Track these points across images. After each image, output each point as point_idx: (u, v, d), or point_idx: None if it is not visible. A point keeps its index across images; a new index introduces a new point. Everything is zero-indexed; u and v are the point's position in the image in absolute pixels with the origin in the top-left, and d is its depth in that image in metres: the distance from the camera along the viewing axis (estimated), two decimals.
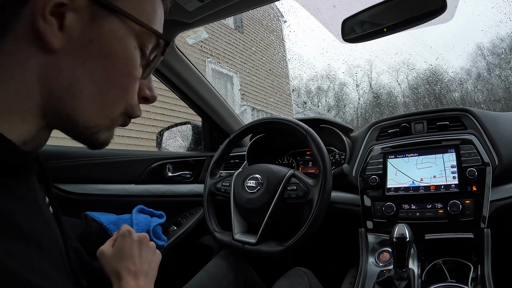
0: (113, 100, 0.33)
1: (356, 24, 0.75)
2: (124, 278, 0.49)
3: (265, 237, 0.80)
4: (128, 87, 0.34)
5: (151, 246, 0.56)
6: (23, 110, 0.29)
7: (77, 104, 0.31)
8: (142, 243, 0.54)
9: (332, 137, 1.03)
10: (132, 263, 0.51)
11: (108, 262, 0.51)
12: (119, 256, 0.52)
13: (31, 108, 0.29)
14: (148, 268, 0.53)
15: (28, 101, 0.29)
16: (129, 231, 0.54)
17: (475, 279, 0.67)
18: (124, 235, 0.54)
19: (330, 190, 0.76)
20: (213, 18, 0.85)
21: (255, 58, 7.10)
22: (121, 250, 0.52)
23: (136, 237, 0.54)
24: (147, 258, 0.54)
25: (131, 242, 0.53)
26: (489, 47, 3.96)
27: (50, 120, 0.31)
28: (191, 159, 1.24)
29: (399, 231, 0.64)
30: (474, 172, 0.74)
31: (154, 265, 0.55)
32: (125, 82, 0.34)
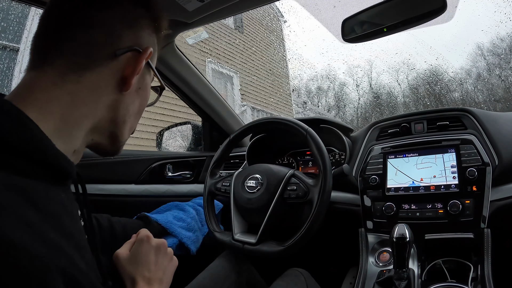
0: (136, 124, 0.48)
1: (356, 24, 0.75)
2: (139, 284, 0.50)
3: (265, 237, 0.80)
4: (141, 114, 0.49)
5: (168, 252, 0.57)
6: (83, 127, 0.39)
7: (124, 127, 0.44)
8: (160, 250, 0.56)
9: (332, 137, 1.03)
10: (147, 269, 0.52)
11: (123, 266, 0.53)
12: (134, 262, 0.53)
13: (88, 126, 0.39)
14: (162, 275, 0.54)
15: (89, 121, 0.39)
16: (147, 237, 0.56)
17: (475, 279, 0.67)
18: (142, 240, 0.55)
19: (330, 190, 0.76)
20: (213, 18, 0.85)
21: (255, 58, 7.10)
22: (138, 255, 0.54)
23: (154, 243, 0.55)
24: (163, 265, 0.55)
25: (148, 248, 0.54)
26: (489, 47, 3.96)
27: (96, 136, 0.42)
28: (191, 159, 1.24)
29: (399, 231, 0.64)
30: (474, 172, 0.74)
31: (169, 272, 0.56)
32: (143, 112, 0.48)
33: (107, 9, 0.40)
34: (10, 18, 3.01)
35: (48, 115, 0.35)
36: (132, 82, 0.41)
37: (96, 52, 0.39)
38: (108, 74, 0.39)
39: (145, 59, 0.42)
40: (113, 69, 0.40)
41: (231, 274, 0.81)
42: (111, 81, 0.40)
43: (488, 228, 0.70)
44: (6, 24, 2.94)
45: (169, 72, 1.06)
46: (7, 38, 3.05)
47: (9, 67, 3.04)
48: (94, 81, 0.38)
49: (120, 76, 0.40)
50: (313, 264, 1.06)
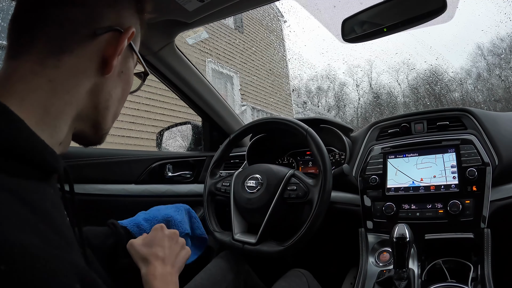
0: (119, 111, 0.45)
1: (356, 24, 0.75)
2: (152, 263, 0.53)
3: (265, 237, 0.80)
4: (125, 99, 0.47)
5: (180, 241, 0.60)
6: (67, 117, 0.37)
7: (107, 114, 0.42)
8: (172, 238, 0.59)
9: (332, 137, 1.03)
10: (161, 250, 0.55)
11: (136, 250, 0.55)
12: (149, 244, 0.56)
13: (72, 115, 0.37)
14: (175, 259, 0.56)
15: (73, 109, 0.37)
16: (161, 227, 0.59)
17: (475, 279, 0.67)
18: (156, 229, 0.59)
19: (330, 190, 0.76)
20: (213, 18, 0.85)
21: (255, 58, 7.10)
22: (152, 240, 0.57)
23: (167, 232, 0.59)
24: (176, 250, 0.58)
25: (162, 235, 0.58)
26: (489, 47, 3.96)
27: (80, 124, 0.40)
28: (191, 159, 1.24)
29: (399, 231, 0.64)
30: (474, 172, 0.74)
31: (181, 258, 0.58)
32: (127, 97, 0.46)
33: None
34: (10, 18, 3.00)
35: (30, 107, 0.33)
36: (114, 63, 0.39)
37: (75, 32, 0.36)
38: (88, 56, 0.37)
39: (127, 39, 0.39)
40: (93, 50, 0.37)
41: (229, 275, 0.81)
42: (92, 64, 0.37)
43: (488, 228, 0.70)
44: (6, 24, 2.94)
45: (169, 72, 1.06)
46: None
47: None
48: (74, 64, 0.36)
49: (101, 58, 0.38)
50: (313, 264, 1.06)
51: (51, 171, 0.34)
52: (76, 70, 0.36)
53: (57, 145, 0.36)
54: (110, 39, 0.38)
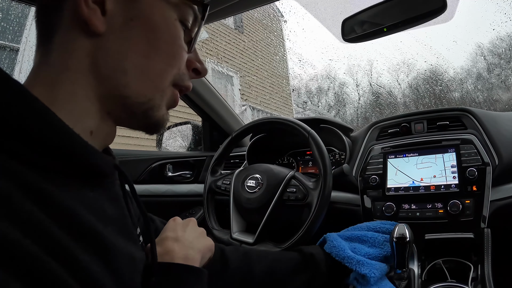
0: (160, 69, 0.35)
1: (356, 24, 0.75)
2: (164, 243, 0.44)
3: (263, 238, 0.80)
4: (174, 55, 0.36)
5: (199, 229, 0.52)
6: (81, 98, 0.31)
7: (128, 80, 0.33)
8: (187, 224, 0.51)
9: (332, 137, 1.03)
10: (172, 232, 0.47)
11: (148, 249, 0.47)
12: (160, 235, 0.48)
13: (89, 95, 0.32)
14: (192, 239, 0.47)
15: (84, 88, 0.31)
16: (173, 219, 0.52)
17: (475, 279, 0.67)
18: (169, 221, 0.51)
19: (329, 194, 0.76)
20: (213, 18, 0.85)
21: (255, 58, 7.10)
22: (164, 229, 0.49)
23: (180, 221, 0.51)
24: (192, 233, 0.49)
25: (173, 224, 0.50)
26: (489, 47, 3.96)
27: (108, 105, 0.33)
28: (191, 159, 1.24)
29: (399, 231, 0.64)
30: (474, 172, 0.74)
31: (202, 244, 0.49)
32: (170, 49, 0.35)
33: None
34: (10, 18, 3.01)
35: (39, 94, 0.29)
36: (97, 18, 0.30)
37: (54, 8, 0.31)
38: (67, 17, 0.31)
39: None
40: (69, 11, 0.31)
41: None
42: (76, 27, 0.31)
43: (488, 228, 0.70)
44: (6, 24, 2.94)
45: None
46: (7, 38, 3.05)
47: (9, 67, 3.04)
48: (63, 38, 0.31)
49: (76, 15, 0.31)
50: None
51: (82, 168, 0.30)
52: (67, 44, 0.31)
53: (86, 134, 0.31)
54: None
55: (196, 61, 0.40)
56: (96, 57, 0.31)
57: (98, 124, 0.33)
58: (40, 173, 0.26)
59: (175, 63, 0.36)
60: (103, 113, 0.33)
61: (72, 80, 0.31)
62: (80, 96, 0.31)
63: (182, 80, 0.38)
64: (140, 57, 0.33)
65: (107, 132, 0.35)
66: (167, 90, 0.36)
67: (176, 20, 0.36)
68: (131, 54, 0.33)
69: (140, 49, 0.33)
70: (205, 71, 0.41)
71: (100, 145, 0.35)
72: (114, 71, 0.32)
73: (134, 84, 0.33)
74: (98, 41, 0.31)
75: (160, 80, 0.35)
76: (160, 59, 0.34)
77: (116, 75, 0.32)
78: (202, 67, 0.40)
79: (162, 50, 0.34)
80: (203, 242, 0.50)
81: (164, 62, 0.35)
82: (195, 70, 0.40)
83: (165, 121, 0.38)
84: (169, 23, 0.35)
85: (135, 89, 0.33)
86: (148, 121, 0.36)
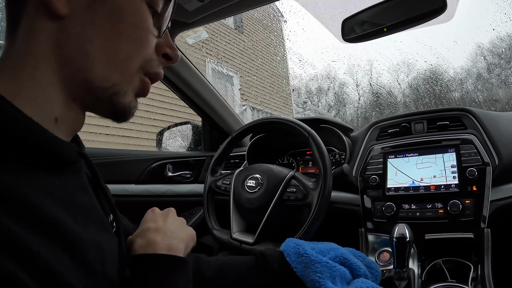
0: (126, 53, 0.33)
1: (356, 24, 0.75)
2: (145, 236, 0.42)
3: (263, 238, 0.80)
4: (140, 38, 0.34)
5: (179, 219, 0.50)
6: (44, 84, 0.30)
7: (91, 64, 0.32)
8: (167, 214, 0.48)
9: (332, 137, 1.03)
10: (153, 223, 0.44)
11: (130, 239, 0.44)
12: (140, 226, 0.46)
13: (51, 80, 0.31)
14: (174, 229, 0.45)
15: (46, 73, 0.30)
16: (152, 209, 0.50)
17: (475, 279, 0.67)
18: (148, 212, 0.49)
19: (329, 194, 0.76)
20: (213, 18, 0.85)
21: (255, 58, 7.10)
22: (143, 220, 0.47)
23: (160, 211, 0.49)
24: (173, 223, 0.47)
25: (152, 215, 0.48)
26: (489, 47, 3.96)
27: (72, 90, 0.32)
28: (191, 159, 1.24)
29: (399, 231, 0.64)
30: (474, 172, 0.74)
31: (183, 233, 0.47)
32: (136, 33, 0.34)
33: None
34: None
35: (3, 83, 0.29)
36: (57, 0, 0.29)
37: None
38: (31, 2, 0.30)
39: None
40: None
41: None
42: (36, 9, 0.30)
43: (488, 228, 0.70)
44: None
45: (169, 72, 1.06)
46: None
47: None
48: (24, 20, 0.31)
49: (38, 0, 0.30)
50: None
51: (44, 156, 0.29)
52: (30, 28, 0.30)
53: (50, 121, 0.30)
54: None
55: (167, 46, 0.38)
56: (58, 40, 0.31)
57: (64, 110, 0.32)
58: (2, 166, 0.25)
59: (142, 48, 0.35)
60: (68, 99, 0.32)
61: (34, 64, 0.30)
62: (43, 82, 0.30)
63: (151, 66, 0.37)
64: (103, 40, 0.32)
65: (75, 119, 0.34)
66: (135, 76, 0.35)
67: (142, 3, 0.34)
68: (94, 37, 0.31)
69: (103, 32, 0.32)
70: (176, 56, 0.39)
71: (68, 132, 0.34)
72: (76, 54, 0.31)
73: (98, 68, 0.32)
74: (60, 24, 0.30)
75: (126, 65, 0.34)
76: (125, 43, 0.33)
77: (78, 58, 0.31)
78: (173, 52, 0.39)
79: (127, 34, 0.33)
80: (185, 232, 0.48)
81: (129, 47, 0.34)
82: (166, 56, 0.38)
83: (132, 109, 0.36)
84: (134, 5, 0.34)
85: (99, 73, 0.32)
86: (114, 107, 0.35)
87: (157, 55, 0.37)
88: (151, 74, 0.37)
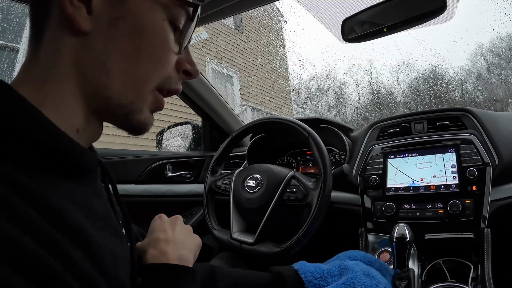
0: (144, 73, 0.34)
1: (356, 24, 0.75)
2: (155, 247, 0.43)
3: (263, 238, 0.80)
4: (160, 58, 0.35)
5: (186, 227, 0.50)
6: (67, 97, 0.31)
7: (110, 81, 0.32)
8: (175, 223, 0.49)
9: (332, 137, 1.03)
10: (163, 234, 0.45)
11: (140, 248, 0.44)
12: (149, 235, 0.46)
13: (74, 94, 0.32)
14: (183, 239, 0.46)
15: (69, 87, 0.31)
16: (159, 216, 0.50)
17: (475, 279, 0.67)
18: (154, 219, 0.49)
19: (329, 194, 0.76)
20: (213, 18, 0.85)
21: (255, 58, 7.10)
22: (151, 229, 0.47)
23: (167, 219, 0.50)
24: (182, 233, 0.47)
25: (160, 222, 0.48)
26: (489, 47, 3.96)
27: (92, 104, 0.33)
28: (191, 159, 1.24)
29: (399, 231, 0.64)
30: (474, 172, 0.74)
31: (191, 243, 0.48)
32: (156, 52, 0.34)
33: None
34: (10, 18, 3.01)
35: (27, 91, 0.29)
36: (81, 16, 0.30)
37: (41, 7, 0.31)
38: (55, 15, 0.31)
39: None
40: (57, 5, 0.31)
41: None
42: (59, 22, 0.31)
43: (488, 228, 0.70)
44: (6, 24, 2.94)
45: None
46: (7, 38, 3.05)
47: (9, 67, 3.04)
48: (47, 34, 0.31)
49: (61, 12, 0.30)
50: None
51: (70, 165, 0.30)
52: (54, 41, 0.31)
53: (72, 132, 0.31)
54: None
55: (187, 63, 0.38)
56: (80, 56, 0.31)
57: (84, 122, 0.33)
58: (29, 173, 0.26)
59: (160, 68, 0.35)
60: (88, 112, 0.33)
61: (57, 78, 0.31)
62: (66, 95, 0.31)
63: (169, 83, 0.37)
64: (124, 58, 0.32)
65: (93, 130, 0.35)
66: (149, 95, 0.35)
67: (165, 21, 0.34)
68: (115, 55, 0.32)
69: (124, 50, 0.32)
70: (196, 72, 0.40)
71: (86, 142, 0.35)
72: (97, 71, 0.32)
73: (117, 86, 0.33)
74: (83, 40, 0.31)
75: (143, 85, 0.34)
76: (144, 63, 0.34)
77: (99, 75, 0.32)
78: (193, 68, 0.39)
79: (148, 53, 0.33)
80: (193, 241, 0.49)
81: (148, 66, 0.34)
82: (186, 72, 0.39)
83: (148, 125, 0.37)
84: (157, 24, 0.34)
85: (118, 91, 0.33)
86: (130, 124, 0.36)
87: (177, 71, 0.38)
88: (169, 90, 0.38)
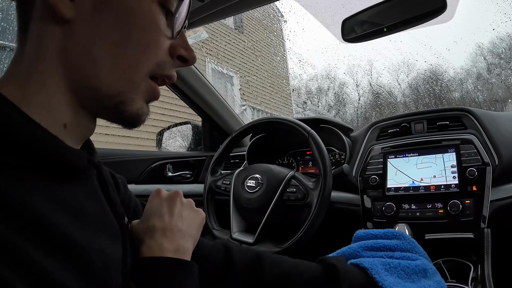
0: (134, 58, 0.32)
1: (356, 24, 0.75)
2: (145, 242, 0.39)
3: (263, 238, 0.80)
4: (150, 42, 0.32)
5: (187, 203, 0.45)
6: (52, 90, 0.30)
7: (97, 70, 0.30)
8: (173, 200, 0.43)
9: (332, 137, 1.03)
10: (159, 220, 0.40)
11: (135, 232, 0.40)
12: (145, 218, 0.41)
13: (59, 86, 0.30)
14: (182, 225, 0.41)
15: (54, 79, 0.30)
16: (157, 191, 0.44)
17: (475, 279, 0.67)
18: (152, 195, 0.44)
19: (329, 194, 0.76)
20: (213, 18, 0.85)
21: (255, 58, 7.10)
22: (148, 210, 0.42)
23: (166, 195, 0.44)
24: (181, 214, 0.42)
25: (158, 201, 0.43)
26: (489, 47, 3.96)
27: (80, 96, 0.31)
28: (191, 159, 1.24)
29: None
30: (474, 172, 0.74)
31: (193, 223, 0.43)
32: (145, 36, 0.32)
33: None
34: (10, 18, 3.01)
35: (12, 89, 0.28)
36: (62, 3, 0.29)
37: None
38: (38, 5, 0.29)
39: None
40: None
41: None
42: (43, 12, 0.29)
43: (488, 228, 0.70)
44: (6, 24, 2.94)
45: None
46: (7, 38, 3.05)
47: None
48: (34, 22, 0.30)
49: (44, 4, 0.29)
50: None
51: (54, 163, 0.28)
52: (38, 32, 0.29)
53: (59, 127, 0.30)
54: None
55: (182, 48, 0.36)
56: (65, 46, 0.29)
57: (73, 117, 0.31)
58: (3, 173, 0.25)
59: (151, 53, 0.33)
60: (77, 106, 0.31)
61: (41, 70, 0.29)
62: (51, 88, 0.29)
63: (162, 69, 0.34)
64: (110, 45, 0.30)
65: (85, 125, 0.33)
66: (141, 83, 0.33)
67: (153, 3, 0.32)
68: (101, 42, 0.30)
69: (111, 36, 0.30)
70: (193, 58, 0.37)
71: (78, 138, 0.33)
72: (83, 59, 0.30)
73: (105, 75, 0.31)
74: (67, 28, 0.29)
75: (133, 72, 0.32)
76: (133, 48, 0.31)
77: (85, 64, 0.30)
78: (189, 54, 0.36)
79: (136, 38, 0.31)
80: (194, 223, 0.44)
81: (138, 51, 0.32)
82: (181, 58, 0.36)
83: (142, 116, 0.35)
84: (144, 6, 0.32)
85: (106, 81, 0.31)
86: (121, 115, 0.33)
87: (171, 57, 0.35)
88: (162, 77, 0.35)
